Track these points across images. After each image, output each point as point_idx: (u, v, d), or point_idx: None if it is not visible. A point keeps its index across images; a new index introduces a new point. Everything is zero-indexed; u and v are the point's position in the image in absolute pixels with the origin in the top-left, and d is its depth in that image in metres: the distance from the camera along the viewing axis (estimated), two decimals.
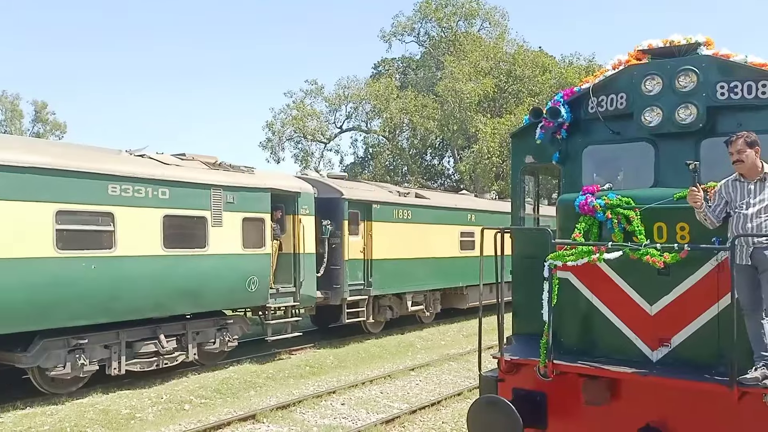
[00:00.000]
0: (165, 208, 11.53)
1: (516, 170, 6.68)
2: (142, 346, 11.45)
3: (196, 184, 12.06)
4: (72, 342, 10.42)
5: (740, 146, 4.67)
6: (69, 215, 10.16)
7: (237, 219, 12.77)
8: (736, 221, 4.69)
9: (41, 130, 49.51)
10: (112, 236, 10.71)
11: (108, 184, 10.66)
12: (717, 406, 4.68)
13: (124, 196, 10.86)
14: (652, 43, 5.72)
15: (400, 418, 9.55)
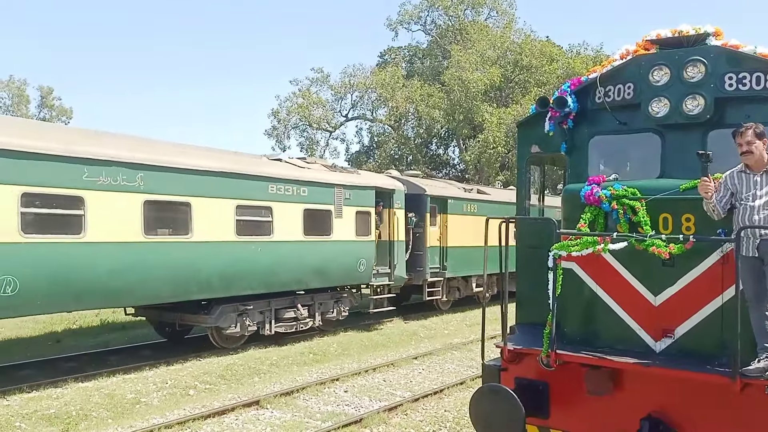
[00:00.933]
0: (305, 203, 14.46)
1: (522, 160, 6.67)
2: (285, 312, 14.36)
3: (325, 184, 15.08)
4: (240, 308, 13.31)
5: (749, 137, 4.64)
6: (245, 209, 13.02)
7: (352, 212, 15.73)
8: (742, 213, 4.67)
9: (47, 116, 49.58)
10: (271, 225, 13.58)
11: (268, 184, 13.58)
12: (720, 397, 4.68)
13: (278, 194, 13.80)
14: (660, 32, 5.67)
15: (402, 406, 9.60)
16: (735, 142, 4.73)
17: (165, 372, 11.56)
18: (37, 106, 50.41)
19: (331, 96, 41.27)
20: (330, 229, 15.04)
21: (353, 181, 16.01)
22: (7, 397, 9.75)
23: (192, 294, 12.17)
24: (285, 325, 14.35)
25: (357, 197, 15.85)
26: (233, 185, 12.75)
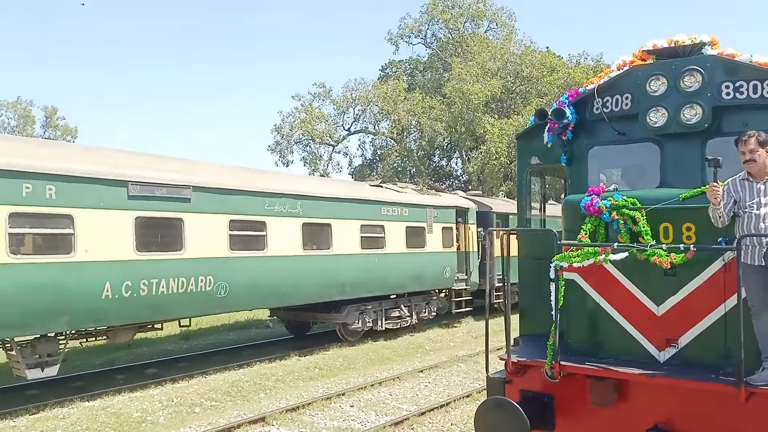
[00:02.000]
0: (406, 221, 17.62)
1: (522, 171, 6.69)
2: (391, 312, 17.34)
3: (420, 205, 18.32)
4: (361, 307, 16.39)
5: (753, 145, 4.62)
6: (366, 227, 16.24)
7: (439, 228, 18.81)
8: (747, 221, 4.64)
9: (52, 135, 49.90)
10: (384, 240, 16.70)
11: (381, 207, 16.86)
12: (725, 406, 4.66)
13: (388, 214, 17.02)
14: (656, 43, 5.71)
15: (408, 420, 9.56)
16: (737, 150, 4.72)
17: (171, 389, 11.55)
18: (42, 126, 50.80)
19: (334, 110, 41.51)
20: (425, 242, 18.20)
21: (439, 202, 19.39)
22: (13, 418, 9.75)
23: (332, 296, 15.31)
24: (391, 322, 17.34)
25: (442, 215, 19.12)
26: (358, 209, 16.14)
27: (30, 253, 9.94)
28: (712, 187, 4.60)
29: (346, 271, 15.49)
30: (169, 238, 11.76)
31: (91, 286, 10.40)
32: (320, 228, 14.96)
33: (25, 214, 9.68)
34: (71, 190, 10.15)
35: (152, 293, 11.24)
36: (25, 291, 9.55)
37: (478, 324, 19.75)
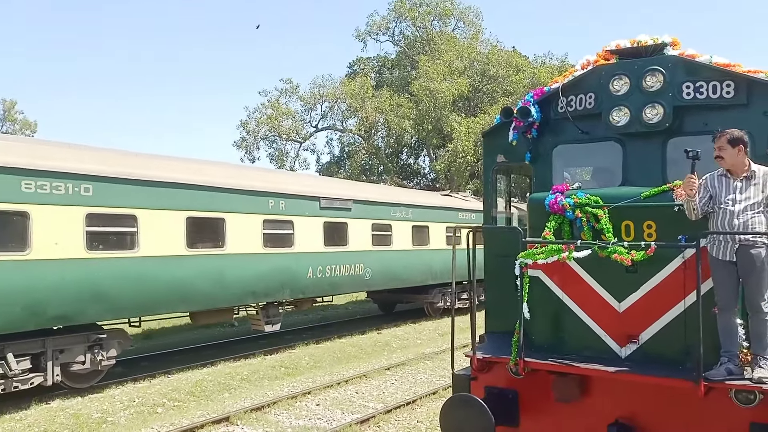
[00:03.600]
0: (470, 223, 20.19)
1: (488, 169, 6.72)
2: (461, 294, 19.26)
3: (471, 210, 21.80)
4: (441, 290, 20.46)
5: (721, 143, 4.71)
6: (450, 228, 19.98)
7: None
8: (721, 217, 4.71)
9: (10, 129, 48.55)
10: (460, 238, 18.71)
11: (459, 212, 21.43)
12: (684, 401, 4.76)
13: (463, 218, 21.22)
14: (620, 43, 5.78)
15: (375, 418, 9.54)
16: (714, 147, 4.78)
17: (132, 389, 11.33)
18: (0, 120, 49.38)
19: (301, 107, 41.21)
20: None
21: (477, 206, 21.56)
22: None
23: (427, 281, 19.62)
24: (461, 302, 19.20)
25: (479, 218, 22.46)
26: (447, 214, 20.77)
27: (274, 246, 14.40)
28: (689, 179, 4.64)
29: (438, 262, 19.58)
30: (339, 236, 16.34)
31: (302, 270, 15.11)
32: (422, 228, 19.74)
33: (270, 220, 14.31)
34: (293, 204, 14.96)
35: (332, 275, 15.94)
36: (271, 271, 14.20)
37: (444, 321, 19.84)
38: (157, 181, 11.71)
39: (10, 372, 9.80)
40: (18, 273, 9.66)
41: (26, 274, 9.76)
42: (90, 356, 11.04)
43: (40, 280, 9.90)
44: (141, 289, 11.36)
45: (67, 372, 10.77)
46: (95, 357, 11.10)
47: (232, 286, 13.14)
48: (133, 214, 11.30)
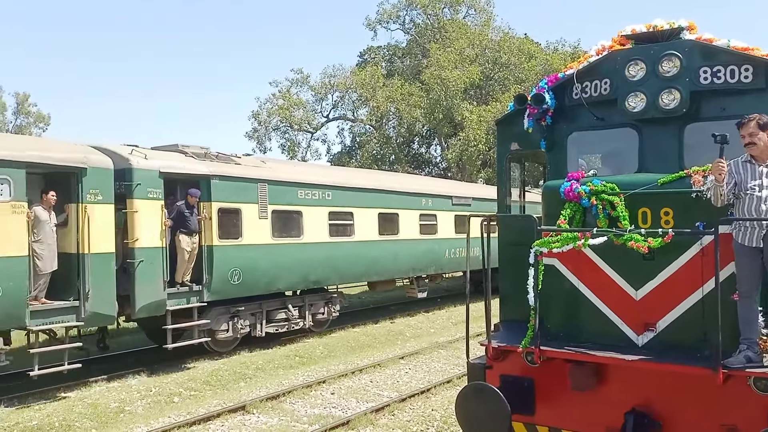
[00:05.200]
0: None
1: (501, 157, 6.69)
2: None
3: None
4: None
5: (752, 129, 4.62)
6: None
7: None
8: (748, 203, 4.64)
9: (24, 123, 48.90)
10: None
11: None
12: (702, 389, 4.72)
13: None
14: (635, 28, 5.71)
15: (389, 407, 9.58)
16: (739, 133, 4.70)
17: (149, 380, 11.44)
18: (14, 113, 49.75)
19: (312, 97, 41.10)
20: None
21: None
22: None
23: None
24: None
25: None
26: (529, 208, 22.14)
27: (426, 233, 19.02)
28: (718, 163, 4.55)
29: None
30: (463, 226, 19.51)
31: (442, 251, 19.78)
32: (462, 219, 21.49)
33: (423, 214, 18.79)
34: (436, 201, 19.75)
35: (459, 256, 20.04)
36: (424, 252, 18.95)
37: (457, 310, 19.85)
38: (363, 188, 16.92)
39: (293, 316, 14.71)
40: (297, 252, 14.64)
41: (301, 252, 14.73)
42: (326, 309, 15.95)
43: (308, 256, 14.85)
44: (355, 263, 16.38)
45: (314, 319, 15.65)
46: (330, 309, 16.04)
47: (402, 263, 18.17)
48: (351, 212, 16.30)
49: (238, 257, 13.06)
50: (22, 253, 9.62)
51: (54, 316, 10.20)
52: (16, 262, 9.51)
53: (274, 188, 14.10)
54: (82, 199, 10.48)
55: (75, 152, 10.69)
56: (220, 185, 12.83)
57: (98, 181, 10.70)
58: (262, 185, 13.83)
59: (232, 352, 13.55)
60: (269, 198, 13.96)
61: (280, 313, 14.42)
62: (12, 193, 9.55)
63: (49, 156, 10.29)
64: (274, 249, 14.06)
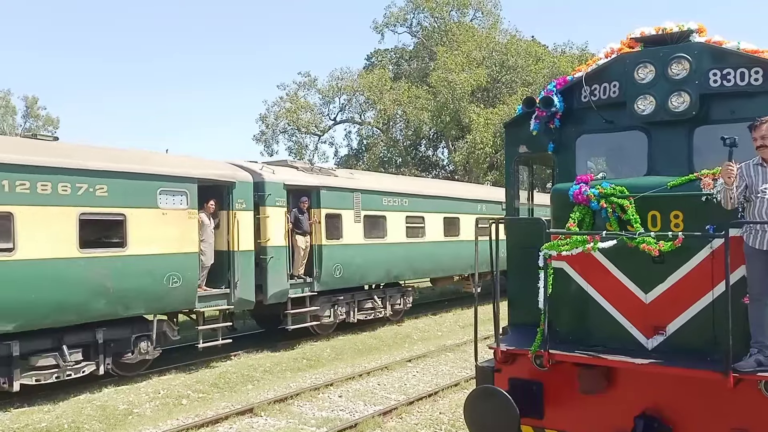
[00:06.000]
0: None
1: (510, 160, 6.67)
2: None
3: None
4: None
5: (765, 131, 4.60)
6: None
7: None
8: (759, 206, 4.62)
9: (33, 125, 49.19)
10: None
11: None
12: (713, 393, 4.69)
13: None
14: (644, 30, 5.69)
15: (397, 410, 9.57)
16: (751, 135, 4.68)
17: (157, 382, 11.47)
18: (23, 116, 50.06)
19: (319, 100, 41.18)
20: None
21: None
22: None
23: None
24: None
25: None
26: None
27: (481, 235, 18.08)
28: (727, 166, 4.52)
29: None
30: None
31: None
32: None
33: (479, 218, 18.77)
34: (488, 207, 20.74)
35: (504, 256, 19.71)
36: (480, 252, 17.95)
37: (465, 313, 19.82)
38: (432, 195, 19.27)
39: (377, 306, 17.13)
40: (383, 250, 16.91)
41: (385, 251, 17.05)
42: (402, 300, 18.25)
43: (390, 255, 17.15)
44: (425, 261, 18.66)
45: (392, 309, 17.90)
46: (405, 300, 18.36)
47: (461, 261, 19.65)
48: (423, 216, 18.62)
49: (339, 254, 15.60)
50: (195, 250, 12.06)
51: (212, 301, 12.71)
52: (192, 257, 11.97)
53: (365, 196, 16.61)
54: (232, 206, 12.99)
55: (227, 170, 13.28)
56: (326, 194, 15.36)
57: (243, 192, 13.20)
58: (356, 194, 16.36)
59: (239, 355, 13.61)
60: (362, 205, 16.48)
61: (367, 303, 16.98)
62: (188, 203, 11.94)
63: (212, 173, 12.75)
64: (366, 248, 16.49)
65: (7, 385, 9.78)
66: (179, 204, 11.81)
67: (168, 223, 11.55)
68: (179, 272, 11.65)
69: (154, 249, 11.31)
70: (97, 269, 10.48)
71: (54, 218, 10.02)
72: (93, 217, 10.57)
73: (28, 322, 9.80)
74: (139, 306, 11.26)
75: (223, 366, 12.58)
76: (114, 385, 11.21)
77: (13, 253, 9.58)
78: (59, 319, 10.19)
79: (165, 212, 11.53)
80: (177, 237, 11.67)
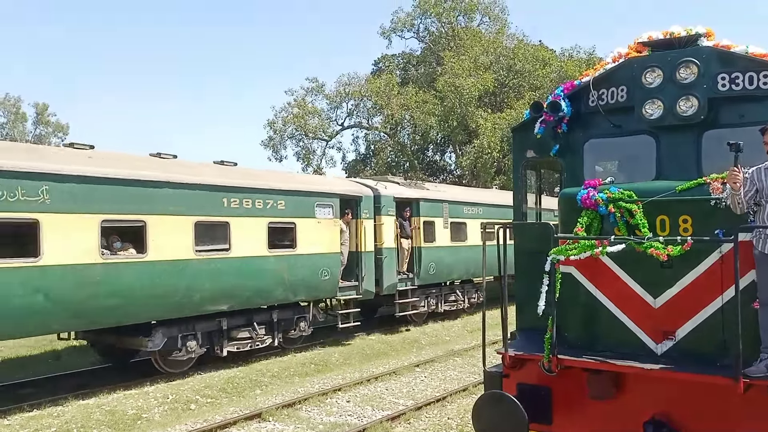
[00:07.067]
0: None
1: (517, 165, 6.67)
2: None
3: None
4: None
5: None
6: None
7: None
8: None
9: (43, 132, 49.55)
10: None
11: None
12: (723, 398, 4.67)
13: None
14: (652, 35, 5.69)
15: (405, 415, 9.55)
16: (762, 139, 4.66)
17: (166, 387, 11.50)
18: (33, 123, 50.42)
19: (327, 105, 41.29)
20: None
21: None
22: (7, 417, 9.69)
23: None
24: None
25: None
26: None
27: None
28: (732, 172, 4.52)
29: None
30: None
31: None
32: None
33: None
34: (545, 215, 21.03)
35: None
36: None
37: (473, 318, 19.76)
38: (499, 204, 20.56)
39: (459, 298, 20.03)
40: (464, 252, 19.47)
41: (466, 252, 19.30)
42: (477, 294, 20.59)
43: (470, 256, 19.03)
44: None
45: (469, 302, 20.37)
46: (479, 295, 20.33)
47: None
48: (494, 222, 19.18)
49: (433, 255, 18.43)
50: (338, 250, 15.18)
51: (347, 291, 15.71)
52: (336, 256, 15.09)
53: (451, 206, 19.42)
54: (359, 216, 16.05)
55: (356, 186, 16.58)
56: (423, 205, 18.36)
57: (367, 204, 16.29)
58: (445, 204, 19.24)
59: (248, 360, 13.63)
60: (449, 213, 19.24)
61: (451, 296, 19.79)
62: (333, 213, 15.11)
63: (348, 189, 16.09)
64: (452, 249, 19.07)
65: (219, 351, 12.86)
66: (328, 214, 15.04)
67: (321, 229, 14.75)
68: (328, 268, 14.82)
69: (313, 249, 14.45)
70: (279, 265, 13.60)
71: (253, 226, 13.09)
72: (276, 225, 13.70)
73: (237, 304, 12.85)
74: (302, 293, 14.37)
75: (231, 371, 12.59)
76: (123, 389, 11.24)
77: (229, 252, 12.59)
78: (254, 302, 13.41)
79: (319, 221, 14.74)
80: (327, 240, 14.84)
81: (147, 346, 11.66)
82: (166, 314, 11.67)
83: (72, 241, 10.13)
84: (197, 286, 11.94)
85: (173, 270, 11.59)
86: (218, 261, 12.35)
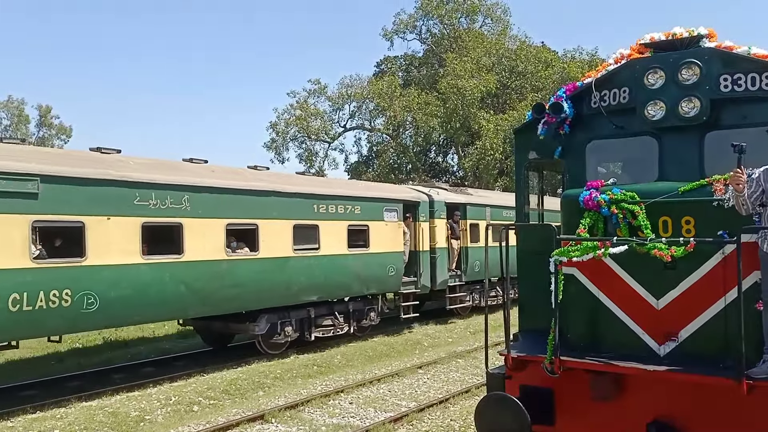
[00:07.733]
0: None
1: (520, 166, 6.67)
2: None
3: None
4: None
5: None
6: None
7: None
8: None
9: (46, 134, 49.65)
10: None
11: None
12: (726, 399, 4.66)
13: None
14: (654, 36, 5.69)
15: (408, 416, 9.55)
16: None
17: (169, 388, 11.51)
18: (36, 125, 50.53)
19: (329, 107, 41.36)
20: None
21: None
22: (11, 419, 9.71)
23: None
24: None
25: None
26: None
27: None
28: (736, 173, 4.51)
29: None
30: None
31: None
32: None
33: None
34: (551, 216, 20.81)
35: None
36: None
37: (475, 320, 19.77)
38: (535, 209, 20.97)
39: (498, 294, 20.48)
40: None
41: None
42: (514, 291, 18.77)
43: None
44: None
45: None
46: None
47: None
48: None
49: (478, 254, 20.16)
50: (402, 250, 17.20)
51: (408, 286, 17.63)
52: (400, 254, 17.13)
53: (493, 210, 21.18)
54: (418, 219, 18.01)
55: (415, 192, 18.64)
56: (470, 209, 20.44)
57: (424, 208, 18.22)
58: (488, 208, 21.15)
59: (250, 361, 13.66)
60: (491, 216, 20.78)
61: (491, 291, 20.71)
62: (398, 217, 17.14)
63: (409, 195, 18.17)
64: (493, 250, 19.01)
65: (308, 336, 14.91)
66: (393, 218, 17.05)
67: (388, 231, 16.74)
68: (394, 265, 16.84)
69: (382, 248, 16.43)
70: (356, 262, 15.69)
71: (336, 228, 15.23)
72: (354, 228, 15.74)
73: (324, 295, 15.03)
74: (373, 287, 16.40)
75: (234, 373, 12.60)
76: (126, 391, 11.26)
77: (319, 250, 14.73)
78: (336, 294, 15.55)
79: (387, 223, 16.68)
80: (393, 240, 16.86)
81: (254, 330, 13.69)
82: (270, 303, 13.73)
83: (206, 241, 12.29)
84: (294, 280, 14.09)
85: (277, 266, 13.77)
86: (311, 258, 14.53)
